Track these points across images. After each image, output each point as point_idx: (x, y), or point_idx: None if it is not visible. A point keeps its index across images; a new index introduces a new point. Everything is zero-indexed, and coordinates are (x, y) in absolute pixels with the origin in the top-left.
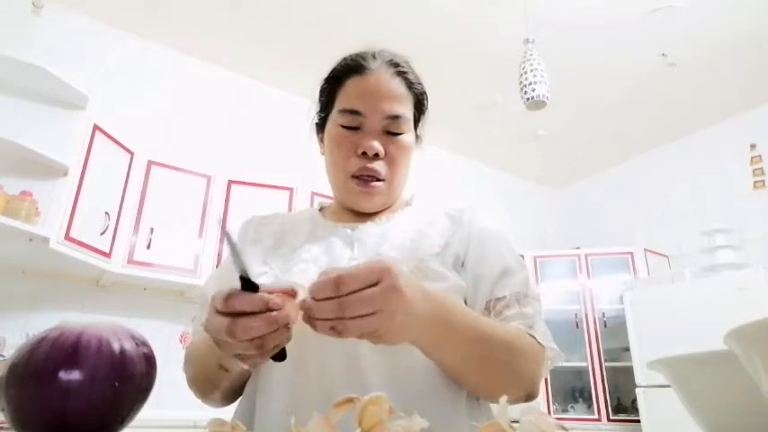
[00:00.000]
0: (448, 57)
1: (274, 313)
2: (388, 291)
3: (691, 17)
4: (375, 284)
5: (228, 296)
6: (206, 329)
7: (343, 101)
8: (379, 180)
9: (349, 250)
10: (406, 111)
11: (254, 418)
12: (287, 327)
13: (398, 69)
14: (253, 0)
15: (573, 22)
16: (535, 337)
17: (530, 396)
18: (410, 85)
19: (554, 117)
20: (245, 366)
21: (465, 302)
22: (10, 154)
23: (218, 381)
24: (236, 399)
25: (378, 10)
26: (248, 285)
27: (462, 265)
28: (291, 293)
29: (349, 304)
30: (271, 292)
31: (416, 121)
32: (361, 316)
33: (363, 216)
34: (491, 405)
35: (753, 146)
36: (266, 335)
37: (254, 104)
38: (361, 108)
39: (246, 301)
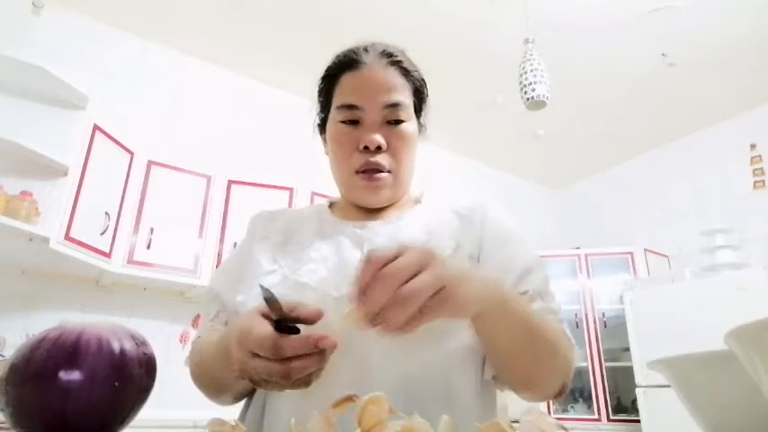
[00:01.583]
0: (448, 57)
1: (324, 348)
2: (445, 301)
3: (691, 17)
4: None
5: (275, 343)
6: (243, 372)
7: (339, 97)
8: (383, 171)
9: (358, 251)
10: (405, 98)
11: (263, 420)
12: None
13: (392, 59)
14: (253, 0)
15: (573, 22)
16: (566, 333)
17: (563, 388)
18: (406, 72)
19: (554, 117)
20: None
21: None
22: (10, 154)
23: (232, 386)
24: (243, 398)
25: (378, 10)
26: (286, 328)
27: (477, 265)
28: (318, 316)
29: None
30: (303, 319)
31: (418, 110)
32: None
33: (372, 213)
34: (498, 409)
35: (753, 146)
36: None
37: (254, 104)
38: (357, 102)
39: (298, 346)
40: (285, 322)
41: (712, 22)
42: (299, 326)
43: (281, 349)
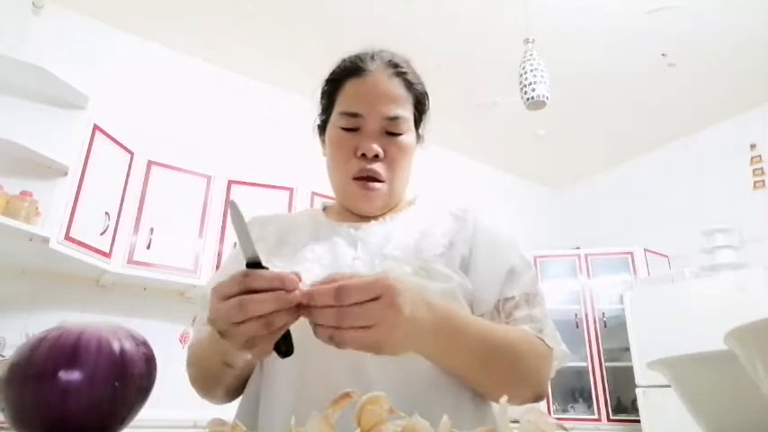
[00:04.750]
0: (448, 56)
1: (286, 293)
2: (387, 307)
3: (691, 17)
4: (375, 298)
5: (244, 275)
6: (210, 320)
7: (342, 103)
8: (379, 181)
9: (352, 250)
10: (406, 111)
11: (256, 421)
12: (297, 308)
13: (397, 70)
14: (253, 0)
15: (573, 22)
16: (544, 341)
17: (537, 397)
18: (410, 85)
19: (554, 117)
20: (251, 357)
21: (470, 304)
22: (10, 154)
23: (221, 378)
24: (238, 396)
25: (378, 10)
26: (258, 268)
27: (468, 265)
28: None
29: (347, 315)
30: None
31: (417, 121)
32: (359, 328)
33: (366, 216)
34: (494, 406)
35: (753, 146)
36: (275, 313)
37: (255, 104)
38: (359, 110)
39: (262, 279)
40: (259, 265)
41: (712, 23)
42: None
43: (249, 279)
